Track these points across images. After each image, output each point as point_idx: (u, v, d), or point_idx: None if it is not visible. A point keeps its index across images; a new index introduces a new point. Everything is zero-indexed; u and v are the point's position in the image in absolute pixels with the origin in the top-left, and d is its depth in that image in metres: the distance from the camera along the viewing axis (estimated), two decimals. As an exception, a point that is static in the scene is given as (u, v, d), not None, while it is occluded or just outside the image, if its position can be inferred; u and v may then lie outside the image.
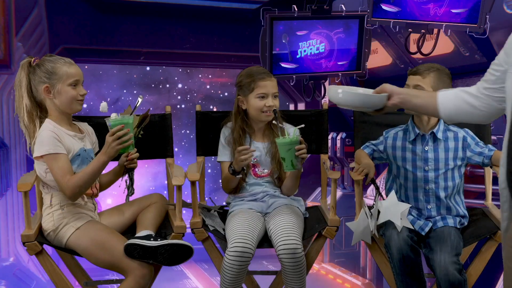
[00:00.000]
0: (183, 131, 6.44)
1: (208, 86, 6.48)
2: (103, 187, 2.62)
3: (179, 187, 2.47)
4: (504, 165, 1.76)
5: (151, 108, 2.82)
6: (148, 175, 6.14)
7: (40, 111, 2.46)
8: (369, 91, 2.16)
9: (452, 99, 2.00)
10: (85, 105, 2.48)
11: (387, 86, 2.12)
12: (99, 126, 2.65)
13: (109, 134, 2.34)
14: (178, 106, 6.53)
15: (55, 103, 2.42)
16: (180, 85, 6.59)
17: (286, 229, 2.46)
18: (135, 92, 6.44)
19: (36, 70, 2.42)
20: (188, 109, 6.61)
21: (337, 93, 2.10)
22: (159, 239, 2.36)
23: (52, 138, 2.37)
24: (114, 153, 2.35)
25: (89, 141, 2.55)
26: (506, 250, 1.79)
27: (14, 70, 4.42)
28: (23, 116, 2.43)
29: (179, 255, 2.35)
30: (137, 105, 2.45)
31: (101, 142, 2.43)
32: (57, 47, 5.24)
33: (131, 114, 2.41)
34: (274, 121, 2.57)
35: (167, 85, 6.56)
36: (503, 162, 1.76)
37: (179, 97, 6.53)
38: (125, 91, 6.37)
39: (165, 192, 2.85)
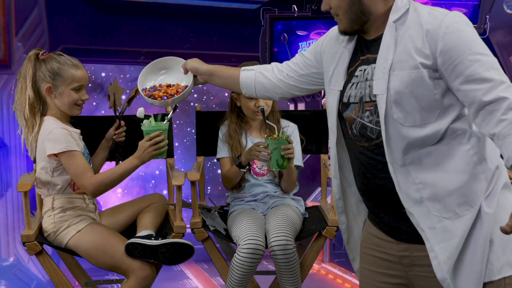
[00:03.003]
0: (188, 129, 6.40)
1: (226, 94, 6.45)
2: (98, 168, 2.60)
3: (179, 187, 2.47)
4: (337, 176, 1.81)
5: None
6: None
7: (42, 106, 2.42)
8: (179, 62, 2.18)
9: (251, 78, 2.02)
10: (103, 74, 2.43)
11: (188, 64, 2.12)
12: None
13: (147, 139, 2.32)
14: (192, 104, 6.48)
15: (55, 103, 2.40)
16: (200, 85, 6.54)
17: (278, 226, 2.47)
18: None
19: (42, 66, 2.37)
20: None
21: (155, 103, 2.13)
22: (160, 239, 2.35)
23: (67, 135, 2.33)
24: (148, 158, 2.34)
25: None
26: (362, 255, 1.92)
27: (14, 70, 4.41)
28: (25, 108, 2.37)
29: (180, 254, 2.35)
30: (172, 114, 2.39)
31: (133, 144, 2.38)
32: (57, 47, 5.23)
33: (165, 122, 2.38)
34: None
35: (188, 80, 6.51)
36: (335, 174, 1.81)
37: (195, 95, 6.46)
38: (146, 72, 6.30)
39: (153, 181, 2.84)
